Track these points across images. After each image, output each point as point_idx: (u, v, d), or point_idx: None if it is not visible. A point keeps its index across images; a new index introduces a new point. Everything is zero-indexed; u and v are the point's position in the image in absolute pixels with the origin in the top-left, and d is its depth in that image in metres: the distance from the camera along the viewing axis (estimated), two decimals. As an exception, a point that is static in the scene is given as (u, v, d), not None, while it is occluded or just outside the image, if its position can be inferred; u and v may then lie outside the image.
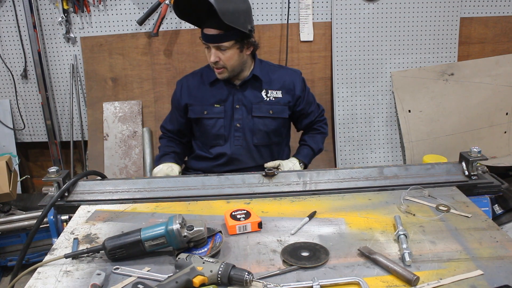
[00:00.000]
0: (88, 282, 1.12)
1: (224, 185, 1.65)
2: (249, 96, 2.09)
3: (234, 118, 2.10)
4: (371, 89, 3.12)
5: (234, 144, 2.12)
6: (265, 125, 2.12)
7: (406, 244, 1.22)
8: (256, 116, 2.09)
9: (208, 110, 2.09)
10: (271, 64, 2.20)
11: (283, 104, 2.12)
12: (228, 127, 2.11)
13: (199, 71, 2.19)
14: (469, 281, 1.09)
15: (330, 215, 1.45)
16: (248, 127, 2.11)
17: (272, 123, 2.13)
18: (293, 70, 2.26)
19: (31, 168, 3.42)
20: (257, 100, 2.09)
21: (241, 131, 2.11)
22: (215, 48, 1.92)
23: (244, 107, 2.09)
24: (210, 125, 2.10)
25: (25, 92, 3.15)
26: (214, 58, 1.93)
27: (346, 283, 1.10)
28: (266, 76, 2.11)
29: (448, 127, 3.10)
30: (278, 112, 2.12)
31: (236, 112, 2.09)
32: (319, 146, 2.29)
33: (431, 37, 3.07)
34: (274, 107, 2.11)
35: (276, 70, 2.16)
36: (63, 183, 1.59)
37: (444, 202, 1.48)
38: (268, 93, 2.10)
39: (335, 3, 2.97)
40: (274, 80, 2.12)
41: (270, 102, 2.10)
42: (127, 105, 3.10)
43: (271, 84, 2.11)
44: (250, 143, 2.13)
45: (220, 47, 1.92)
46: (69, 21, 2.96)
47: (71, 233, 1.39)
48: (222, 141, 2.13)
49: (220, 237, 1.29)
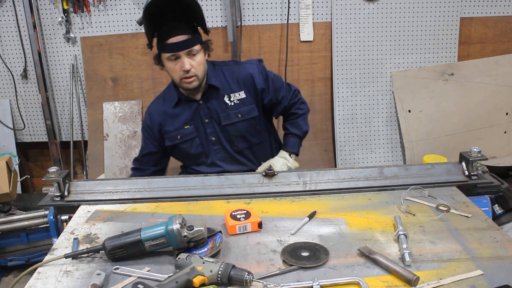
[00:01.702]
0: (88, 282, 1.12)
1: (224, 185, 1.65)
2: (214, 107, 2.03)
3: (208, 133, 2.05)
4: (371, 89, 3.12)
5: (217, 158, 2.08)
6: (237, 130, 2.06)
7: (406, 244, 1.22)
8: (226, 124, 2.04)
9: (181, 133, 2.05)
10: (225, 64, 2.12)
11: (249, 103, 2.05)
12: (205, 143, 2.07)
13: (161, 95, 2.13)
14: (469, 281, 1.09)
15: (330, 215, 1.45)
16: (224, 137, 2.06)
17: (245, 125, 2.06)
18: (250, 62, 2.14)
19: (31, 168, 3.42)
20: (222, 108, 2.02)
21: (218, 143, 2.07)
22: (186, 55, 1.86)
23: (213, 119, 2.04)
24: (187, 147, 2.07)
25: (25, 92, 3.15)
26: (189, 66, 1.87)
27: (346, 283, 1.10)
28: (223, 82, 2.03)
29: (448, 127, 3.10)
30: (246, 113, 2.05)
31: (207, 126, 2.05)
32: (303, 129, 2.19)
33: (431, 37, 3.07)
34: (241, 109, 2.04)
35: (232, 70, 2.07)
36: (63, 183, 1.59)
37: (444, 202, 1.48)
38: (231, 97, 2.03)
39: (335, 3, 2.97)
40: (232, 82, 2.04)
41: (236, 106, 2.03)
42: (127, 105, 3.10)
43: (230, 87, 2.04)
44: (231, 152, 2.09)
45: (191, 52, 1.87)
46: (69, 21, 2.96)
47: (71, 233, 1.39)
48: (204, 158, 2.09)
49: (220, 237, 1.29)
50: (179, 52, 1.86)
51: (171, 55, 1.87)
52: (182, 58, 1.87)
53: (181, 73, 1.89)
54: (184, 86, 1.95)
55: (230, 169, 2.07)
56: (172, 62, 1.89)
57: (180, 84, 1.96)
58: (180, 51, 1.85)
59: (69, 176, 1.65)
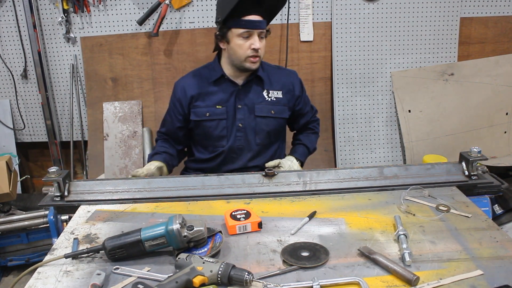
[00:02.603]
0: (88, 282, 1.12)
1: (224, 185, 1.65)
2: (252, 96, 2.09)
3: (236, 118, 2.09)
4: (371, 89, 3.12)
5: (236, 144, 2.12)
6: (267, 125, 2.12)
7: (406, 244, 1.22)
8: (259, 116, 2.10)
9: (210, 112, 2.08)
10: (269, 65, 2.21)
11: (283, 104, 2.14)
12: (230, 127, 2.10)
13: (196, 72, 2.17)
14: (469, 281, 1.09)
15: (330, 215, 1.45)
16: (251, 127, 2.11)
17: (273, 123, 2.13)
18: (290, 70, 2.28)
19: (31, 168, 3.42)
20: (259, 100, 2.10)
21: (243, 131, 2.11)
22: (258, 35, 1.95)
23: (246, 107, 2.09)
24: (213, 127, 2.10)
25: (25, 92, 3.15)
26: (259, 45, 1.95)
27: (346, 283, 1.10)
28: (267, 77, 2.12)
29: (448, 127, 3.10)
30: (279, 112, 2.13)
31: (238, 112, 2.09)
32: (313, 145, 2.31)
33: (431, 37, 3.06)
34: (276, 107, 2.12)
35: (274, 71, 2.18)
36: (63, 183, 1.59)
37: (444, 202, 1.48)
38: (270, 93, 2.11)
39: (335, 3, 2.97)
40: (274, 80, 2.13)
41: (272, 102, 2.11)
42: (127, 105, 3.10)
43: (271, 84, 2.12)
44: (252, 143, 2.13)
45: (262, 34, 1.97)
46: (69, 21, 2.96)
47: (71, 233, 1.39)
48: (225, 142, 2.12)
49: (220, 237, 1.29)
50: (253, 30, 1.93)
51: (245, 31, 1.94)
52: (254, 36, 1.95)
53: (249, 51, 1.96)
54: (247, 65, 2.01)
55: (239, 153, 2.12)
56: (243, 39, 1.95)
57: (243, 63, 2.00)
58: (255, 30, 1.94)
59: (69, 176, 1.65)
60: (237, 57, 2.00)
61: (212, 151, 2.14)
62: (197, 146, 2.20)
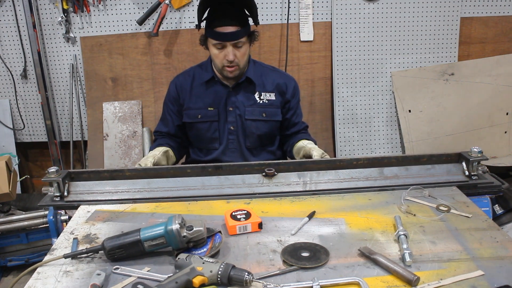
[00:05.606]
0: (88, 282, 1.12)
1: (224, 185, 1.65)
2: (242, 99, 2.07)
3: (228, 121, 2.08)
4: (371, 89, 3.11)
5: (229, 147, 2.10)
6: (257, 128, 2.09)
7: (406, 244, 1.22)
8: (249, 119, 2.07)
9: (202, 113, 2.08)
10: (264, 65, 2.17)
11: (276, 106, 2.10)
12: (222, 130, 2.09)
13: (191, 71, 2.16)
14: (469, 282, 1.09)
15: (330, 215, 1.45)
16: (241, 130, 2.09)
17: (265, 126, 2.10)
18: (287, 75, 2.23)
19: (30, 168, 3.41)
20: (250, 102, 2.07)
21: (235, 133, 2.10)
22: (232, 45, 1.90)
23: (237, 110, 2.07)
24: (205, 128, 2.09)
25: (25, 92, 3.15)
26: (233, 57, 1.91)
27: (346, 283, 1.10)
28: (259, 79, 2.08)
29: (448, 127, 3.10)
30: (271, 115, 2.09)
31: (229, 114, 2.08)
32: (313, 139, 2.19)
33: (431, 37, 3.06)
34: (267, 109, 2.09)
35: (269, 72, 2.14)
36: (63, 183, 1.59)
37: (444, 202, 1.48)
38: (262, 95, 2.08)
39: (335, 3, 2.97)
40: (267, 82, 2.09)
41: (263, 105, 2.08)
42: (127, 105, 3.10)
43: (264, 86, 2.09)
44: (243, 146, 2.11)
45: (237, 44, 1.91)
46: (69, 21, 2.96)
47: (71, 233, 1.39)
48: (217, 144, 2.11)
49: (219, 237, 1.29)
50: (226, 41, 1.90)
51: (217, 43, 1.91)
52: (227, 48, 1.91)
53: (224, 61, 1.94)
54: (224, 73, 2.00)
55: None
56: (217, 49, 1.94)
57: (221, 70, 2.00)
58: (227, 42, 1.90)
59: (69, 176, 1.65)
60: (215, 64, 2.01)
61: (207, 153, 2.14)
62: (193, 147, 2.21)
